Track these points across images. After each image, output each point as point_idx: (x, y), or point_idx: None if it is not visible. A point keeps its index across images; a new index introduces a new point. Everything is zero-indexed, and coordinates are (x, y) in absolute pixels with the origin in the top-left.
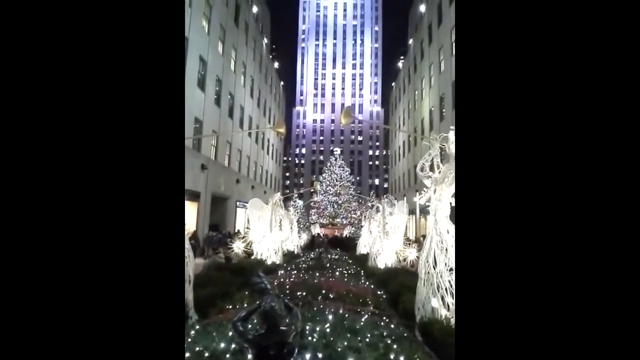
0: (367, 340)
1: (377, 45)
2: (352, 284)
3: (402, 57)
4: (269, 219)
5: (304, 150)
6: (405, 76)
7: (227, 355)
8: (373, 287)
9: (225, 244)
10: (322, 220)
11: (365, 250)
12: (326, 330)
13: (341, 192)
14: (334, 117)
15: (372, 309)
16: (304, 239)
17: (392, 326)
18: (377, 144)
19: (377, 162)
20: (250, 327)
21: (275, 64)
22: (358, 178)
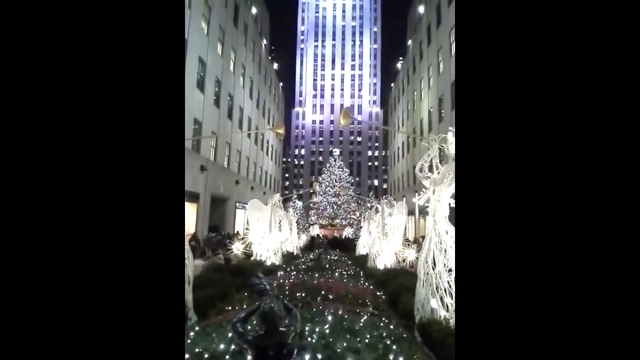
0: (367, 341)
1: (376, 46)
2: (351, 284)
3: (401, 58)
4: (268, 220)
5: (303, 151)
6: (404, 77)
7: (227, 357)
8: (372, 288)
9: (224, 245)
10: (321, 221)
11: (364, 251)
12: (325, 331)
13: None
14: (333, 118)
15: (371, 309)
16: (303, 239)
17: (392, 327)
18: (376, 144)
19: (376, 163)
20: (250, 328)
21: (275, 65)
22: (357, 179)
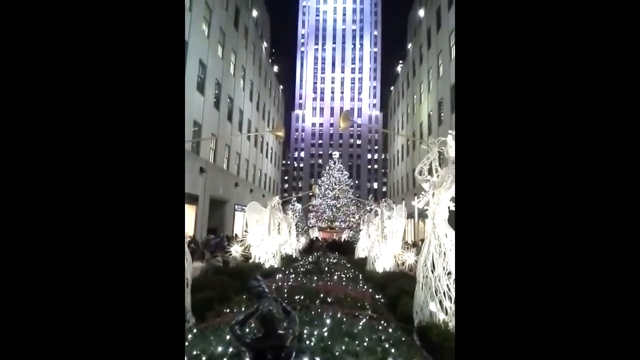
0: (365, 344)
1: (376, 50)
2: (350, 288)
3: (401, 62)
4: (267, 222)
5: (302, 154)
6: (404, 80)
7: (225, 359)
8: (371, 291)
9: (223, 247)
10: (320, 224)
11: (363, 254)
12: (324, 334)
13: (340, 195)
14: (333, 121)
15: (370, 313)
16: (302, 242)
17: (390, 330)
18: (375, 147)
19: (375, 166)
20: (248, 330)
21: (275, 67)
22: (357, 182)
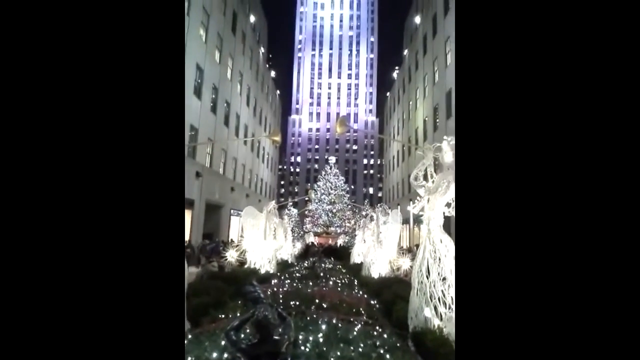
0: (360, 349)
1: (372, 56)
2: (345, 293)
3: (397, 68)
4: (263, 227)
5: (299, 159)
6: (400, 86)
7: None
8: (366, 296)
9: (218, 252)
10: (316, 229)
11: (359, 259)
12: (319, 340)
13: (336, 200)
14: (329, 126)
15: (365, 318)
16: (298, 247)
17: (385, 336)
18: (371, 153)
19: (371, 171)
20: (243, 336)
21: (272, 73)
22: (352, 187)
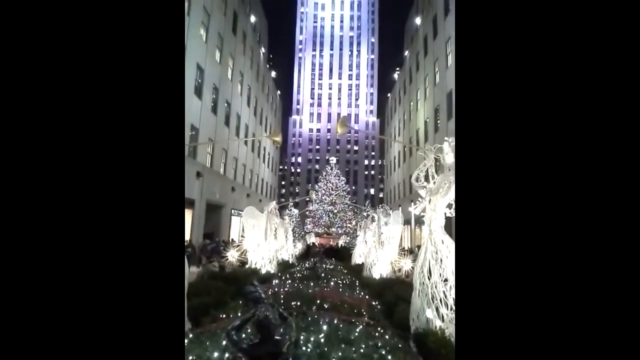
0: (362, 350)
1: (373, 57)
2: (346, 294)
3: (397, 69)
4: (264, 227)
5: (300, 159)
6: (401, 87)
7: None
8: (368, 297)
9: (219, 252)
10: (317, 230)
11: (360, 260)
12: (320, 341)
13: (337, 201)
14: (330, 127)
15: (366, 319)
16: (299, 248)
17: (387, 337)
18: (372, 153)
19: (372, 172)
20: (244, 336)
21: (272, 73)
22: (354, 187)
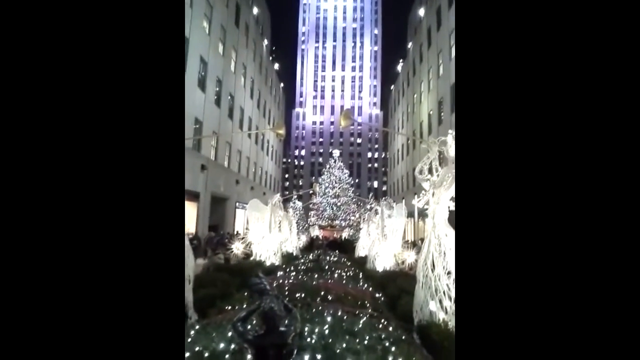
0: (366, 342)
1: (376, 48)
2: (350, 286)
3: (401, 60)
4: (268, 220)
5: (303, 152)
6: (405, 79)
7: (227, 356)
8: (371, 289)
9: (224, 245)
10: (321, 222)
11: (363, 252)
12: (325, 332)
13: (340, 194)
14: (333, 119)
15: (370, 311)
16: (303, 240)
17: (391, 329)
18: (376, 146)
19: (376, 165)
20: (250, 327)
21: (275, 65)
22: (357, 180)
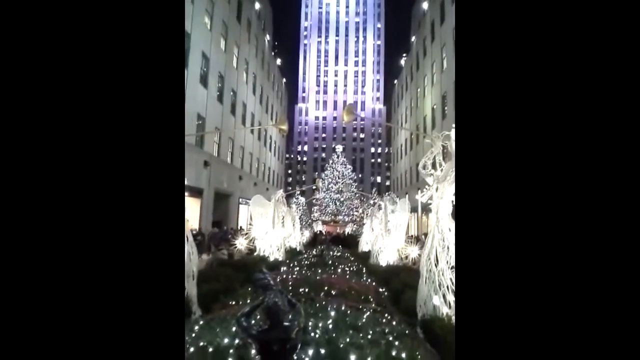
0: (369, 336)
1: (379, 43)
2: (354, 281)
3: (404, 55)
4: (271, 215)
5: (306, 148)
6: (408, 74)
7: (231, 351)
8: (375, 284)
9: (228, 240)
10: (324, 218)
11: (367, 247)
12: (328, 327)
13: (343, 189)
14: (336, 115)
15: (374, 306)
16: (306, 236)
17: (394, 323)
18: (379, 141)
19: (379, 160)
20: (254, 322)
21: (278, 60)
22: (360, 175)
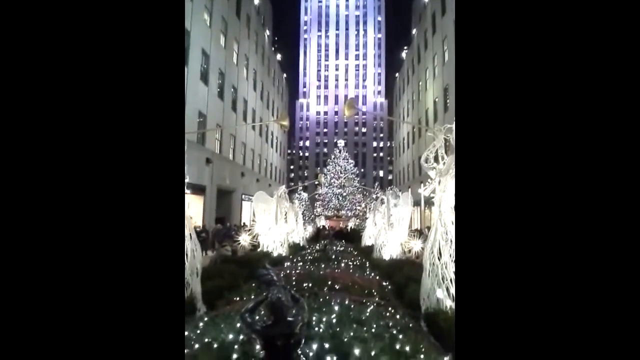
0: (373, 330)
1: (380, 36)
2: (357, 275)
3: (405, 48)
4: (274, 211)
5: (307, 143)
6: (409, 67)
7: (236, 346)
8: (378, 278)
9: (231, 237)
10: (327, 213)
11: (370, 242)
12: (332, 321)
13: (346, 184)
14: (337, 109)
15: (377, 299)
16: (309, 231)
17: (398, 317)
18: (381, 135)
19: (381, 154)
20: (258, 318)
21: (278, 56)
22: (362, 170)
